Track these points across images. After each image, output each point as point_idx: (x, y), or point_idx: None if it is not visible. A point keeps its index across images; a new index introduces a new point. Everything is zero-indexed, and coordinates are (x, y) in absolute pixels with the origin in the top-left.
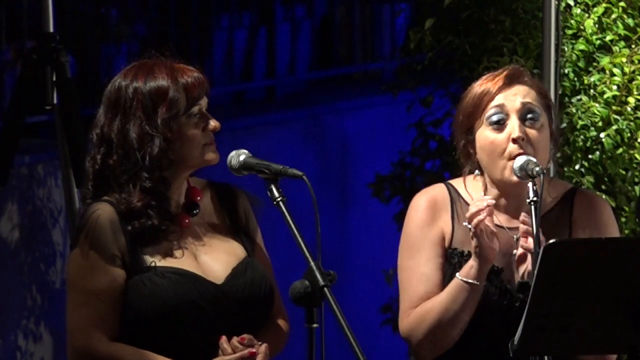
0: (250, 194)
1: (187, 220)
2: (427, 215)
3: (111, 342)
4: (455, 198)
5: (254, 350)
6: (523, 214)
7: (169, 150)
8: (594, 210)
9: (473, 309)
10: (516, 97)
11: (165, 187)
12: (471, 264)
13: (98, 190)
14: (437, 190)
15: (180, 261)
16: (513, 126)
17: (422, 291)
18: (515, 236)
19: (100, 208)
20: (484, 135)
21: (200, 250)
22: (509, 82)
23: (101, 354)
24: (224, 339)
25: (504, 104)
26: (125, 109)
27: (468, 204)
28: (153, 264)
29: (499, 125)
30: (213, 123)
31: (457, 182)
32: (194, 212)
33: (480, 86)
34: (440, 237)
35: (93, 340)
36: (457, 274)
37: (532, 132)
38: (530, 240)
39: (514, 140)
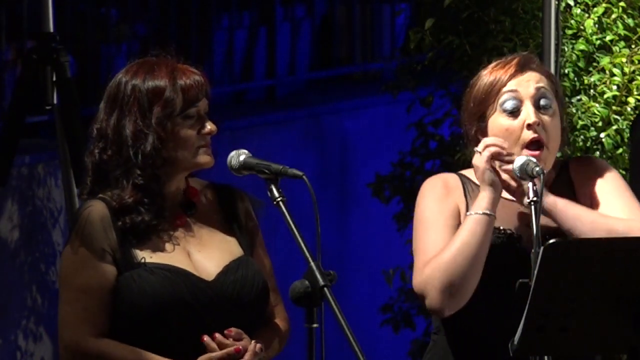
0: (252, 196)
1: (181, 219)
2: (442, 192)
3: (100, 338)
4: (465, 182)
5: (239, 347)
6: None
7: (162, 149)
8: (590, 171)
9: (487, 246)
10: (529, 82)
11: (158, 185)
12: (482, 195)
13: (95, 186)
14: (448, 175)
15: (172, 258)
16: (528, 112)
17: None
18: (528, 211)
19: (92, 205)
20: (498, 122)
21: (194, 247)
22: (521, 68)
23: (89, 349)
24: (206, 338)
25: (517, 89)
26: (123, 105)
27: (478, 186)
28: (143, 260)
29: (513, 111)
30: (209, 126)
31: (467, 172)
32: (191, 211)
33: (490, 74)
34: (456, 211)
35: (82, 335)
36: (469, 212)
37: (545, 119)
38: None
39: (529, 126)
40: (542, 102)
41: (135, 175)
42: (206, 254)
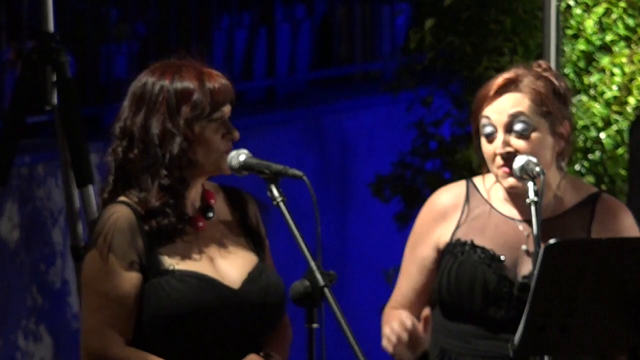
0: (258, 200)
1: (202, 223)
2: (435, 216)
3: (126, 346)
4: (471, 195)
5: None
6: None
7: (189, 151)
8: (615, 218)
9: None
10: (503, 109)
11: (183, 187)
12: None
13: (118, 185)
14: (456, 189)
15: (198, 264)
16: (498, 142)
17: (403, 287)
18: (526, 233)
19: (118, 210)
20: (482, 141)
21: (217, 253)
22: (501, 91)
23: (116, 357)
24: None
25: (490, 117)
26: (150, 104)
27: (484, 198)
28: (172, 267)
29: (490, 137)
30: (235, 133)
31: (478, 179)
32: (209, 215)
33: (482, 89)
34: (431, 251)
35: (108, 343)
36: None
37: (519, 143)
38: None
39: (499, 155)
40: (517, 127)
41: (162, 176)
42: (229, 260)
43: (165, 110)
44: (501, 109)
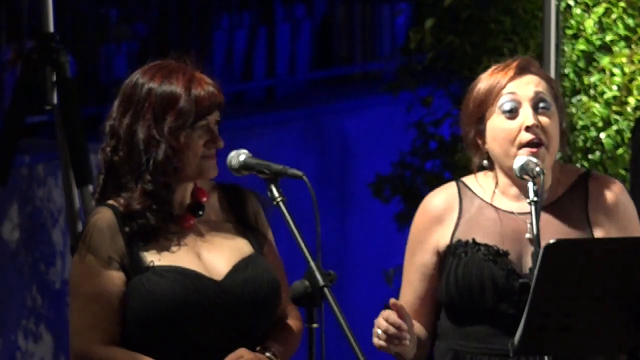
0: (260, 195)
1: (191, 221)
2: (430, 220)
3: (109, 346)
4: (464, 195)
5: None
6: None
7: (174, 158)
8: (609, 194)
9: None
10: (529, 85)
11: (167, 193)
12: None
13: (107, 185)
14: (447, 191)
15: (181, 259)
16: (526, 114)
17: (407, 297)
18: (527, 222)
19: (99, 212)
20: (496, 123)
21: (204, 248)
22: (520, 71)
23: (98, 357)
24: None
25: (516, 92)
26: (137, 107)
27: (478, 196)
28: (152, 264)
29: (512, 113)
30: (218, 142)
31: (468, 179)
32: (199, 213)
33: (490, 76)
34: (429, 257)
35: (91, 343)
36: None
37: (544, 120)
38: None
39: (527, 128)
40: (541, 104)
41: (146, 181)
42: (216, 253)
43: (151, 116)
44: (526, 85)
